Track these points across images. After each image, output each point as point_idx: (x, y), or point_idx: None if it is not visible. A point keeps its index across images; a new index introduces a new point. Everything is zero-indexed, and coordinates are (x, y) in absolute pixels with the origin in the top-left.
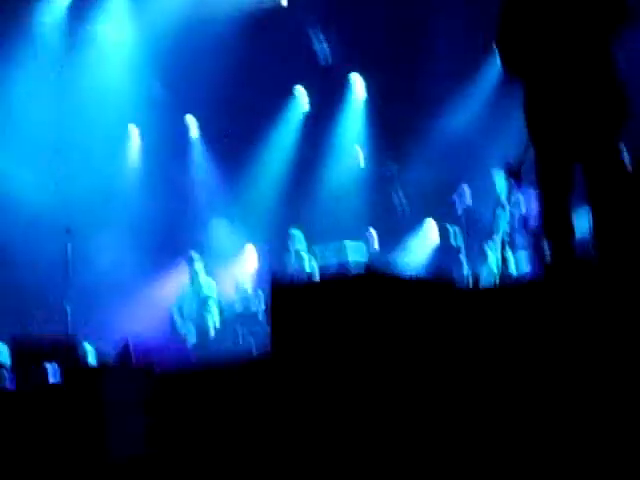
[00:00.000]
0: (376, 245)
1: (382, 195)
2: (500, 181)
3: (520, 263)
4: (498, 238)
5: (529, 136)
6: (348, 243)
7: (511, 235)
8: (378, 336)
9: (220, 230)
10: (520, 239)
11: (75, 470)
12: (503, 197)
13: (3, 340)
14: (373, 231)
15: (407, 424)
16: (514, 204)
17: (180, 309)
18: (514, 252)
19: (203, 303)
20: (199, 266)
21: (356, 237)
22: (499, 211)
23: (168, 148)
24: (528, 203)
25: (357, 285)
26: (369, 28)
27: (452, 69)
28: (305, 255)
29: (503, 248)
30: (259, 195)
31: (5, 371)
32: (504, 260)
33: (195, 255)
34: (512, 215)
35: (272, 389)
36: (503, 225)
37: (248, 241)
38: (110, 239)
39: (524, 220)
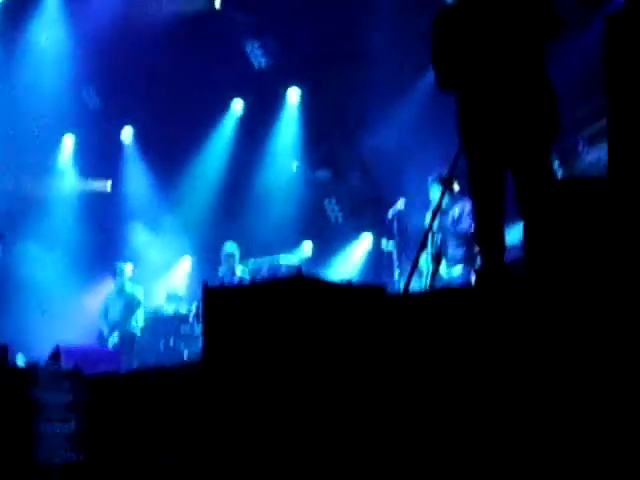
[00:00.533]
0: (309, 254)
1: (316, 203)
2: (434, 191)
3: (452, 274)
4: (431, 247)
5: (462, 145)
6: (282, 257)
7: (443, 245)
8: (308, 339)
9: (154, 241)
10: (454, 250)
11: (2, 474)
12: (435, 206)
13: None
14: (308, 243)
15: (335, 428)
16: (447, 214)
17: (105, 313)
18: (448, 263)
19: (127, 307)
20: (126, 275)
21: (291, 248)
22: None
23: (103, 157)
24: (462, 212)
25: (287, 289)
26: (304, 34)
27: (387, 77)
28: (239, 267)
29: (436, 258)
30: (195, 205)
31: None
32: (435, 270)
33: (122, 265)
34: (444, 226)
35: (203, 393)
36: (437, 235)
37: (183, 253)
38: (39, 248)
39: (457, 229)
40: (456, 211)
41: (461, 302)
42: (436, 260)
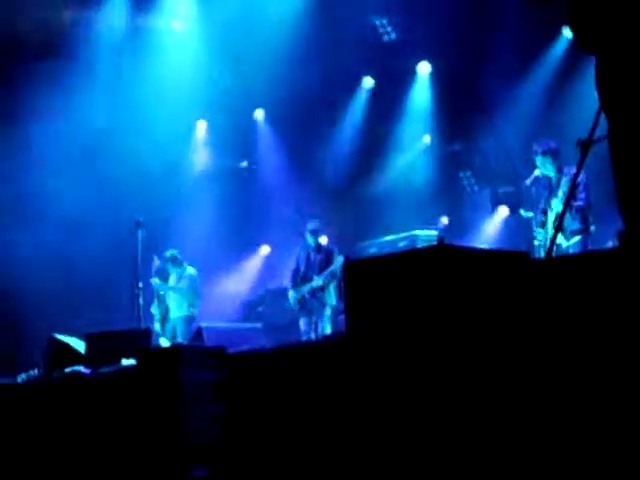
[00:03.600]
0: (446, 227)
1: (451, 176)
2: (542, 163)
3: (569, 244)
4: (551, 216)
5: (603, 106)
6: (419, 232)
7: (562, 217)
8: (454, 308)
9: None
10: (570, 223)
11: (153, 452)
12: (554, 179)
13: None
14: (444, 217)
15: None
16: (558, 187)
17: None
18: (564, 235)
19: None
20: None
21: (428, 222)
22: (550, 192)
23: (236, 138)
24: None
25: (431, 257)
26: (432, 8)
27: (517, 49)
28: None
29: (558, 226)
30: (327, 184)
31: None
32: (554, 238)
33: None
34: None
35: (349, 367)
36: (557, 206)
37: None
38: (181, 228)
39: (574, 205)
40: (567, 184)
41: (607, 266)
42: (557, 227)
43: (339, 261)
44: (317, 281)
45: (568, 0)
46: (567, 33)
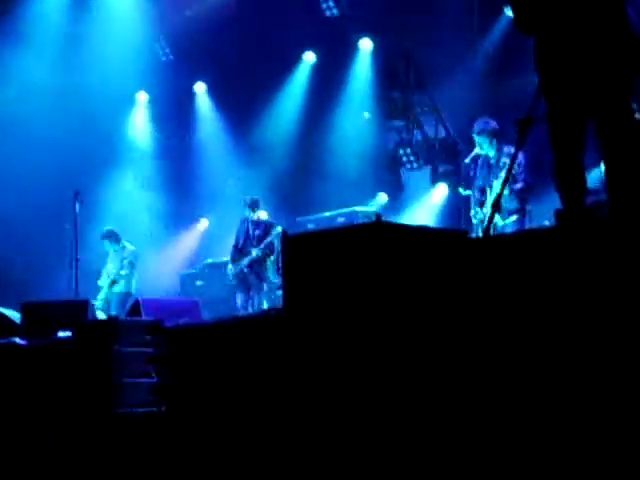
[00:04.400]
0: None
1: (390, 152)
2: (481, 141)
3: (505, 223)
4: (491, 195)
5: (541, 86)
6: (358, 208)
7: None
8: (389, 284)
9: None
10: (507, 202)
11: (85, 420)
12: (493, 158)
13: (13, 308)
14: (383, 194)
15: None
16: (497, 166)
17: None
18: (501, 215)
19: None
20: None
21: (366, 199)
22: (489, 171)
23: (176, 110)
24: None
25: (368, 233)
26: None
27: (458, 26)
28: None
29: (495, 204)
30: (268, 158)
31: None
32: (492, 217)
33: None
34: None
35: (285, 342)
36: (497, 186)
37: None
38: (119, 200)
39: (512, 186)
40: (506, 163)
41: (544, 244)
42: (495, 207)
43: (276, 232)
44: (254, 253)
45: None
46: (509, 12)
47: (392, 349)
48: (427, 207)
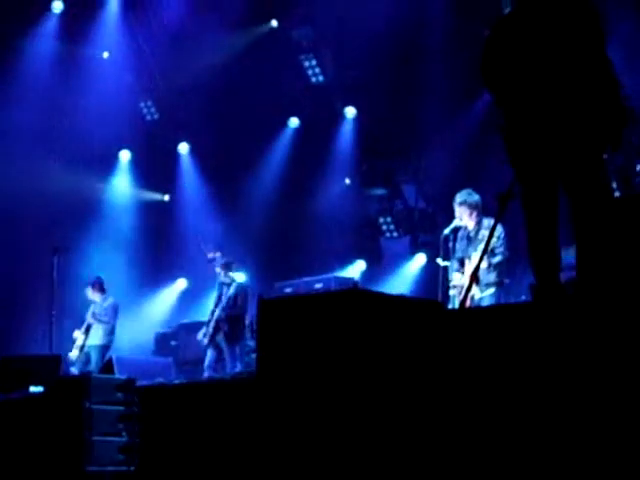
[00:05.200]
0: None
1: (370, 220)
2: (461, 212)
3: (483, 296)
4: (469, 267)
5: (510, 160)
6: (335, 275)
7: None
8: (363, 352)
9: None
10: (485, 275)
11: (56, 477)
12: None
13: None
14: (361, 261)
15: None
16: (476, 239)
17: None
18: (479, 287)
19: None
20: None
21: (344, 266)
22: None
23: (159, 170)
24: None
25: (344, 300)
26: (362, 52)
27: (441, 98)
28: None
29: (473, 277)
30: (248, 221)
31: None
32: (469, 289)
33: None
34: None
35: (258, 405)
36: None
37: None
38: (97, 257)
39: (490, 259)
40: (485, 236)
41: (518, 319)
42: (472, 278)
43: (235, 285)
44: (217, 312)
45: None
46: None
47: (364, 416)
48: (405, 276)
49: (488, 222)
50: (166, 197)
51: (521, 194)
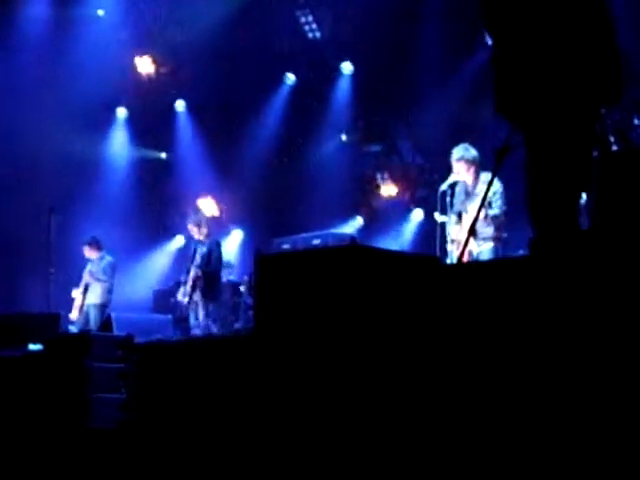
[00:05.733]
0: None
1: (367, 176)
2: (458, 167)
3: (480, 250)
4: (467, 220)
5: (499, 110)
6: (333, 231)
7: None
8: (360, 308)
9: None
10: (482, 228)
11: (58, 435)
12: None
13: None
14: (359, 217)
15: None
16: (473, 194)
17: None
18: (476, 241)
19: None
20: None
21: (342, 222)
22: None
23: (156, 127)
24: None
25: (342, 256)
26: (358, 8)
27: (438, 55)
28: None
29: (471, 230)
30: (246, 179)
31: None
32: (467, 243)
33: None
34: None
35: (254, 362)
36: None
37: (235, 225)
38: (94, 216)
39: (488, 213)
40: (483, 191)
41: (516, 273)
42: (470, 232)
43: (210, 241)
44: (192, 272)
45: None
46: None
47: (362, 372)
48: (402, 232)
49: (486, 177)
50: (163, 155)
51: (526, 145)
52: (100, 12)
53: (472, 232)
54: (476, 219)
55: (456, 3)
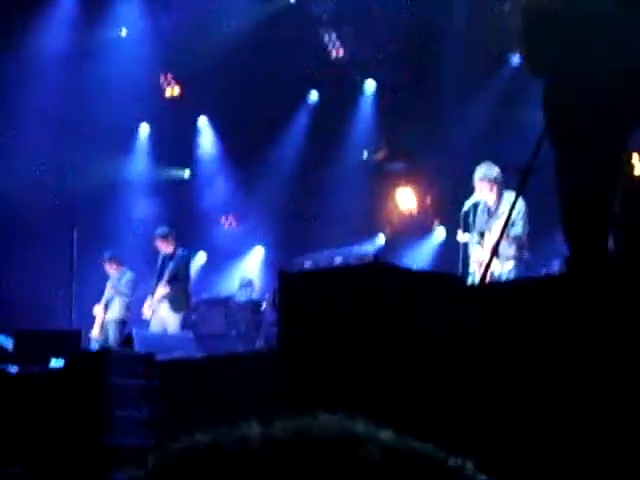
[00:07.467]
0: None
1: (389, 194)
2: (480, 187)
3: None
4: (490, 239)
5: (552, 136)
6: (355, 248)
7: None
8: (383, 325)
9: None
10: (504, 249)
11: (79, 451)
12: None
13: (7, 333)
14: (381, 235)
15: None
16: (496, 214)
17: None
18: (499, 260)
19: None
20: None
21: (364, 240)
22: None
23: (178, 145)
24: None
25: (365, 273)
26: (381, 27)
27: (462, 76)
28: None
29: (494, 251)
30: (268, 195)
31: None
32: (489, 263)
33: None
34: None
35: (279, 379)
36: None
37: (256, 242)
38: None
39: (510, 232)
40: (506, 211)
41: (538, 293)
42: (493, 252)
43: (174, 261)
44: (162, 290)
45: (522, 24)
46: (514, 59)
47: (384, 389)
48: (425, 250)
49: (509, 196)
50: (186, 172)
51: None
52: (123, 32)
53: (495, 252)
54: (500, 239)
55: (479, 20)
